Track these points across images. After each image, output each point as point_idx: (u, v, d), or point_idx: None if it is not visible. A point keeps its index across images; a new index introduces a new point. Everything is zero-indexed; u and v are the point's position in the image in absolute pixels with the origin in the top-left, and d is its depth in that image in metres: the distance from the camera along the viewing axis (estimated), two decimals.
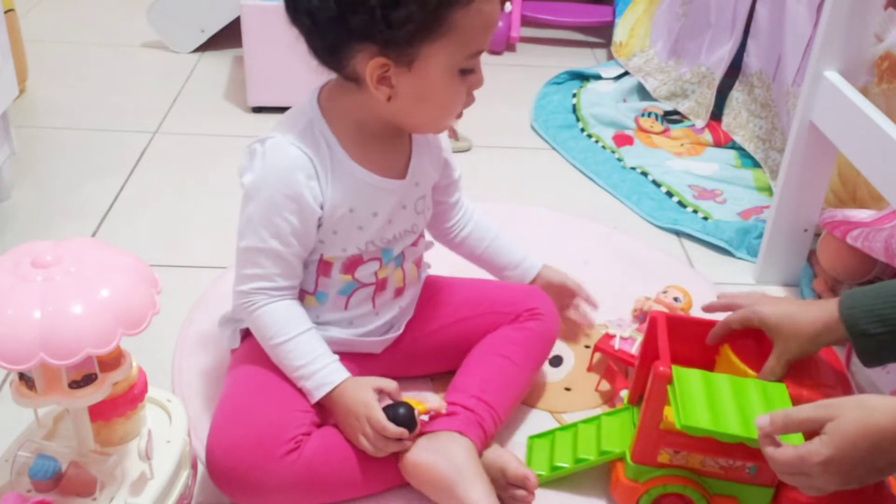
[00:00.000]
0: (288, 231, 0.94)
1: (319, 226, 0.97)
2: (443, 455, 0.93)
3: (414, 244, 1.06)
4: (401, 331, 1.10)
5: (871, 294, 0.88)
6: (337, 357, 0.99)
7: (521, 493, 0.98)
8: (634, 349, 1.17)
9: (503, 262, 1.19)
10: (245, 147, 0.97)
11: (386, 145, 0.99)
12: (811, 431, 0.77)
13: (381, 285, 1.04)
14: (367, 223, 0.98)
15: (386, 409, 0.94)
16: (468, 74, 0.92)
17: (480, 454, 0.97)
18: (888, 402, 0.75)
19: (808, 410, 0.78)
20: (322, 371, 0.96)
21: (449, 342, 1.11)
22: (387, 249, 1.03)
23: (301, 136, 0.94)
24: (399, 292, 1.07)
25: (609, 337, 1.20)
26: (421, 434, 0.97)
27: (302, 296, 1.02)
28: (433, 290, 1.14)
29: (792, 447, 0.78)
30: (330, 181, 0.95)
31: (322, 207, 0.95)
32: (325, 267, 1.01)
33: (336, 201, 0.96)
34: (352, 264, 1.01)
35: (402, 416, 0.94)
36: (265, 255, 0.96)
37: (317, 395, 0.96)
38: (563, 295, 1.22)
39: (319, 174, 0.94)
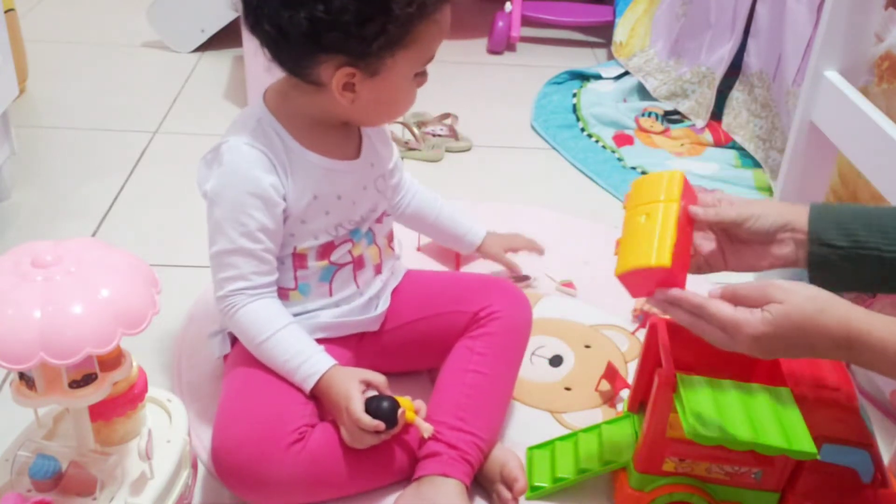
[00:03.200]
0: (255, 227, 0.96)
1: (286, 218, 0.99)
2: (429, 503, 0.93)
3: (379, 220, 1.09)
4: (388, 303, 1.10)
5: (843, 209, 0.87)
6: (322, 347, 1.00)
7: (505, 494, 0.98)
8: None
9: (448, 235, 1.32)
10: (200, 160, 1.00)
11: (337, 133, 1.02)
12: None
13: (358, 263, 1.06)
14: (332, 207, 1.01)
15: (370, 401, 0.94)
16: (420, 76, 0.97)
17: (469, 487, 0.97)
18: (837, 308, 0.76)
19: (757, 289, 0.78)
20: (307, 362, 0.97)
21: (416, 341, 1.11)
22: (355, 230, 1.05)
23: (253, 135, 0.97)
24: (378, 269, 1.09)
25: None
26: (402, 433, 0.97)
27: (285, 294, 1.03)
28: (401, 285, 1.14)
29: (731, 308, 0.77)
30: (289, 172, 0.97)
31: (285, 199, 0.97)
32: (299, 260, 1.02)
33: (299, 191, 0.98)
34: (325, 251, 1.03)
35: (383, 409, 0.93)
36: (237, 255, 0.97)
37: (308, 387, 0.97)
38: (511, 249, 1.37)
39: (277, 167, 0.97)
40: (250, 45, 0.97)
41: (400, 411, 0.94)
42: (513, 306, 1.09)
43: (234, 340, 1.06)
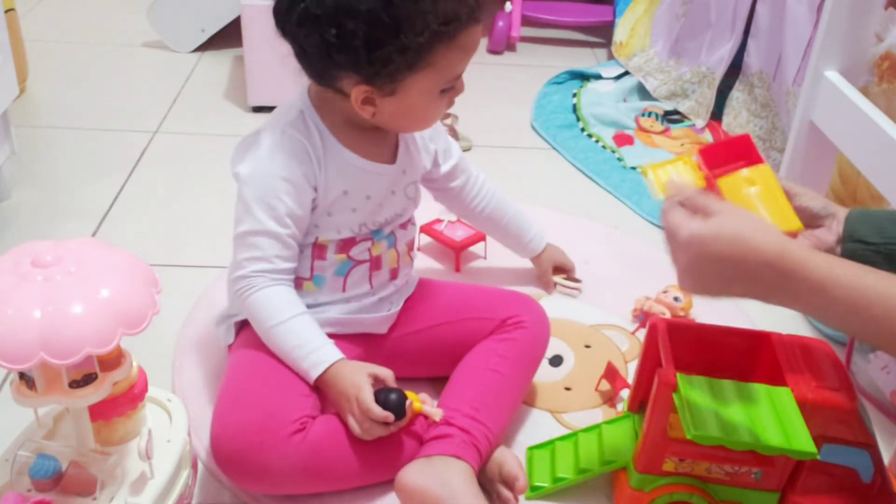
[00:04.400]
0: (284, 212, 0.98)
1: (314, 208, 1.00)
2: (437, 478, 0.93)
3: (403, 226, 1.10)
4: (399, 306, 1.11)
5: (879, 213, 0.90)
6: (331, 340, 1.00)
7: (506, 493, 0.98)
8: (457, 235, 1.42)
9: (513, 240, 1.35)
10: (239, 140, 1.01)
11: (373, 135, 1.03)
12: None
13: (375, 263, 1.06)
14: (360, 205, 1.02)
15: (378, 393, 0.95)
16: (448, 91, 0.97)
17: (478, 474, 0.97)
18: (776, 234, 0.75)
19: (713, 204, 0.78)
20: (317, 351, 0.97)
21: (432, 345, 1.12)
22: (377, 230, 1.06)
23: (293, 124, 0.99)
24: (394, 273, 1.10)
25: (437, 221, 1.43)
26: (408, 425, 0.97)
27: (299, 283, 1.04)
28: (419, 292, 1.16)
29: (681, 217, 0.78)
30: (323, 164, 0.99)
31: (316, 189, 0.99)
32: (319, 250, 1.03)
33: (330, 183, 0.99)
34: (345, 245, 1.04)
35: (391, 401, 0.94)
36: (263, 236, 0.98)
37: (313, 375, 0.97)
38: (558, 267, 1.39)
39: (312, 157, 0.98)
40: (250, 45, 0.97)
41: (408, 402, 0.95)
42: (537, 319, 1.12)
43: (238, 330, 1.07)
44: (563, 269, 1.39)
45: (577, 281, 1.38)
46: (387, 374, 0.99)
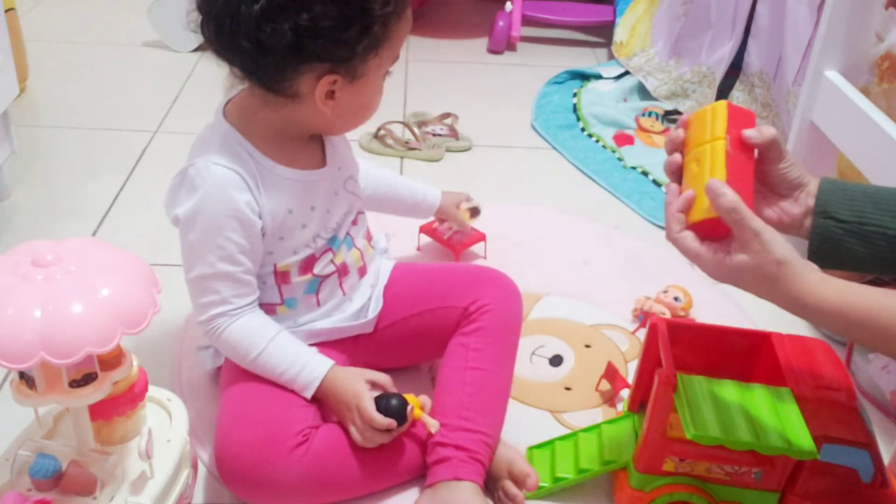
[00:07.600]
0: (235, 250, 0.94)
1: (263, 236, 0.97)
2: None
3: (354, 223, 1.08)
4: (381, 303, 1.09)
5: (853, 187, 0.86)
6: (315, 350, 1.00)
7: (513, 490, 0.98)
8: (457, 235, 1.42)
9: (409, 204, 1.33)
10: (169, 184, 0.98)
11: (302, 143, 1.01)
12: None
13: (342, 270, 1.05)
14: (308, 219, 1.00)
15: (378, 399, 0.95)
16: (386, 74, 0.97)
17: (483, 485, 0.97)
18: (793, 281, 0.77)
19: (738, 234, 0.77)
20: (305, 369, 0.97)
21: (408, 337, 1.10)
22: (333, 237, 1.04)
23: (221, 153, 0.94)
24: (362, 271, 1.09)
25: (437, 221, 1.43)
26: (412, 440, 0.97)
27: (272, 309, 1.02)
28: (390, 279, 1.13)
29: (697, 249, 0.79)
30: (262, 189, 0.95)
31: (261, 217, 0.95)
32: (282, 277, 1.01)
33: (273, 207, 0.96)
34: (307, 265, 1.02)
35: (393, 407, 0.94)
36: (217, 280, 0.96)
37: (310, 393, 0.97)
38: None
39: (251, 185, 0.94)
40: None
41: (409, 408, 0.95)
42: (502, 298, 1.08)
43: None
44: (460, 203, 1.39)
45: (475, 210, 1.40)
46: (385, 379, 0.98)
